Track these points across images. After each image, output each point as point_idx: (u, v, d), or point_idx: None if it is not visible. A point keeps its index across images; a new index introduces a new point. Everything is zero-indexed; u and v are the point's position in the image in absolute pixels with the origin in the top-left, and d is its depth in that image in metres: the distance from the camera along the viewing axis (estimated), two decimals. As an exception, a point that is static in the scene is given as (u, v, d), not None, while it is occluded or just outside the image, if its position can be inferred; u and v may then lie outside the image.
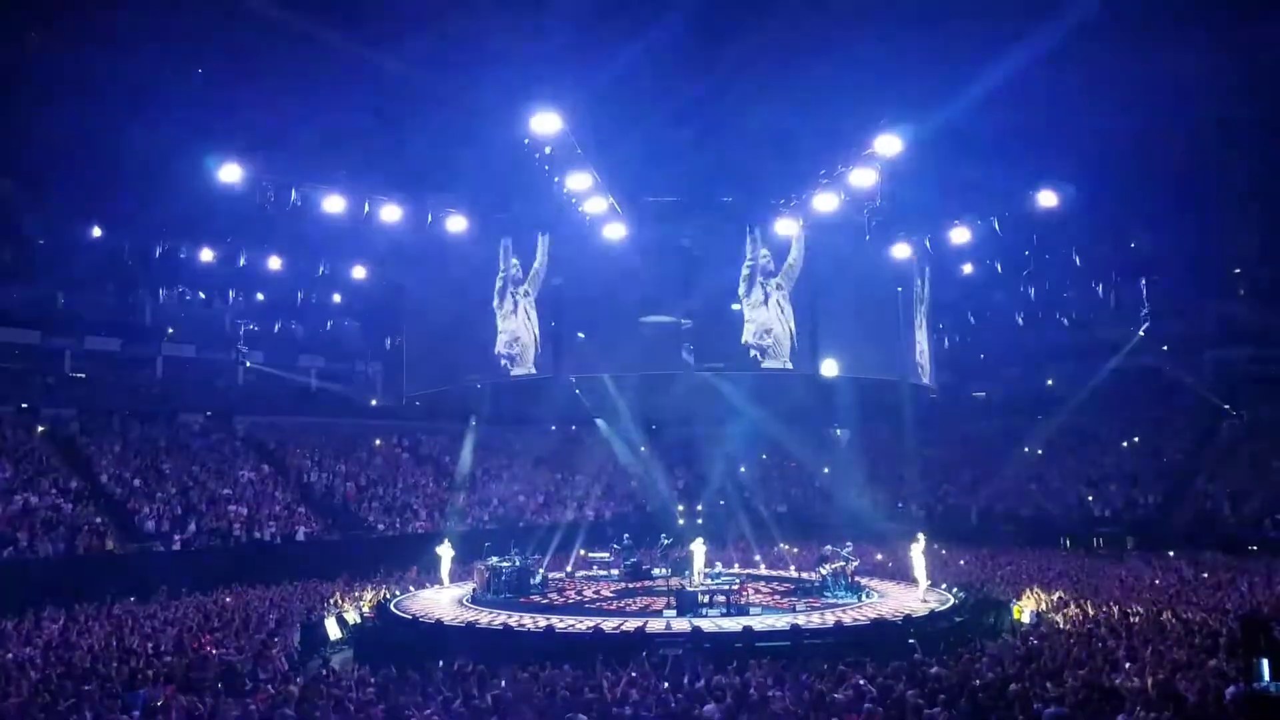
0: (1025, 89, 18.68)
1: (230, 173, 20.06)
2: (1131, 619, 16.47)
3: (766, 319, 22.87)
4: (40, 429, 30.49)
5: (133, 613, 19.17)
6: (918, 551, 21.20)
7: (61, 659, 14.35)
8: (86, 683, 12.57)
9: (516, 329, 23.66)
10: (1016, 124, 20.73)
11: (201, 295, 32.63)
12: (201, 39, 18.80)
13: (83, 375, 34.73)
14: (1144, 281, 30.77)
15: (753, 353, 22.79)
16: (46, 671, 13.36)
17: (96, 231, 25.96)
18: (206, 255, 26.80)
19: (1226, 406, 36.95)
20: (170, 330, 37.05)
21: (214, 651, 15.19)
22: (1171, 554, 27.60)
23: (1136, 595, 19.53)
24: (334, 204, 21.69)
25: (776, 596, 21.74)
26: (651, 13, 17.14)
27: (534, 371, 23.76)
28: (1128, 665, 12.19)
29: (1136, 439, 38.42)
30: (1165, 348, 37.98)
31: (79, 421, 31.66)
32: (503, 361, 23.86)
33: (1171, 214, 25.94)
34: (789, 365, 23.13)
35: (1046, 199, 22.10)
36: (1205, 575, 22.37)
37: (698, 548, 23.59)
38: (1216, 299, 37.76)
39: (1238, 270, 35.28)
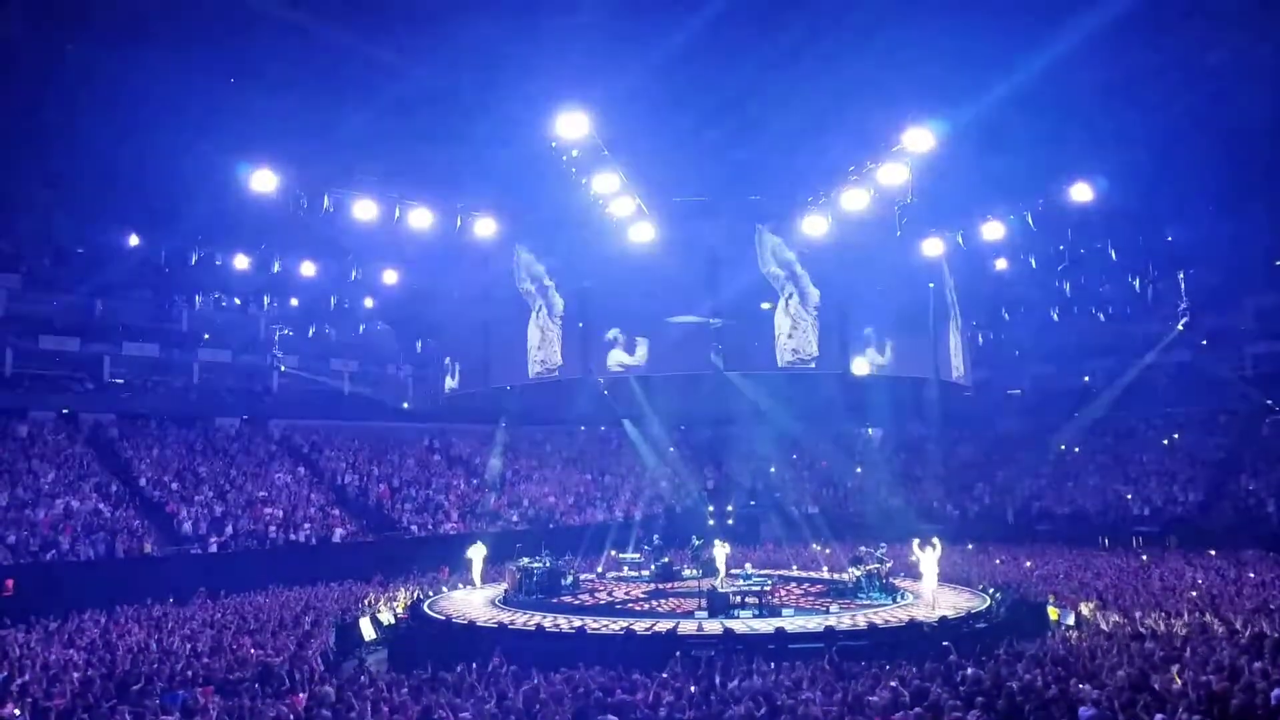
0: (1059, 80, 18.39)
1: (263, 180, 20.31)
2: (1173, 620, 16.17)
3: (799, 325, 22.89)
4: (80, 434, 31.07)
5: (171, 614, 19.47)
6: (929, 557, 19.78)
7: (103, 660, 14.60)
8: (127, 683, 12.78)
9: (548, 336, 23.92)
10: (1050, 116, 20.42)
11: (236, 301, 33.14)
12: (233, 47, 19.01)
13: (121, 380, 35.32)
14: (1182, 275, 30.24)
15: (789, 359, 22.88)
16: (88, 672, 13.60)
17: (133, 239, 26.39)
18: (241, 262, 27.17)
19: (1269, 402, 36.18)
20: (206, 336, 37.60)
21: (251, 652, 15.37)
22: (1213, 553, 27.07)
23: (1178, 595, 19.17)
24: (365, 209, 21.90)
25: (810, 598, 21.60)
26: (678, 12, 17.09)
27: (557, 374, 23.94)
28: (1171, 667, 11.95)
29: (1176, 435, 37.75)
30: (1204, 342, 37.30)
31: (118, 426, 32.22)
32: (535, 367, 24.12)
33: (1209, 206, 25.43)
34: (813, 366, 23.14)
35: (1081, 192, 21.78)
36: (1252, 575, 21.90)
37: (720, 549, 23.49)
38: (1257, 292, 37.01)
39: (1278, 262, 34.53)
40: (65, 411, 32.17)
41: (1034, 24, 17.05)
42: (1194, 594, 19.18)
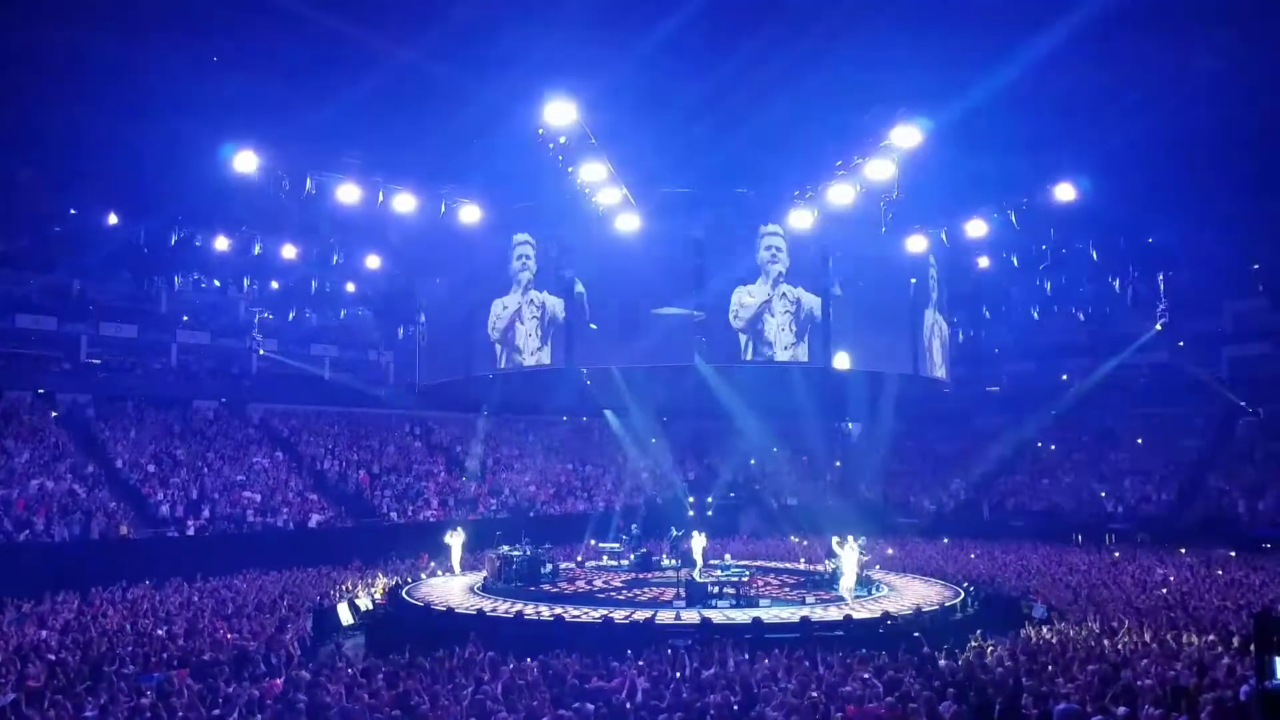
0: (1044, 81, 18.52)
1: (245, 161, 20.12)
2: (1143, 616, 16.40)
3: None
4: (56, 414, 30.77)
5: (147, 597, 19.35)
6: (849, 554, 19.28)
7: (77, 642, 14.51)
8: (101, 666, 12.72)
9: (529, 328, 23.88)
10: (1035, 116, 20.55)
11: (216, 283, 32.79)
12: (216, 27, 18.82)
13: (98, 361, 35.01)
14: (1161, 277, 30.53)
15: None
16: (62, 655, 13.52)
17: (113, 219, 26.08)
18: (221, 243, 26.88)
19: (1243, 404, 36.71)
20: (185, 317, 37.31)
21: (227, 636, 15.32)
22: (1183, 551, 27.46)
23: (1148, 592, 19.45)
24: (348, 193, 21.73)
25: (787, 589, 21.74)
26: (667, 3, 17.06)
27: (546, 363, 23.84)
28: (1141, 662, 12.14)
29: (1151, 435, 38.22)
30: (1182, 344, 37.75)
31: (94, 407, 31.92)
32: (517, 356, 24.03)
33: (1190, 209, 25.69)
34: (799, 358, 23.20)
35: (1064, 192, 21.94)
36: (1220, 573, 22.24)
37: (697, 540, 23.61)
38: (1234, 296, 37.50)
39: (1256, 266, 34.98)
40: (41, 391, 31.85)
41: (1021, 24, 17.15)
42: (1164, 591, 19.46)
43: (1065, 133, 21.93)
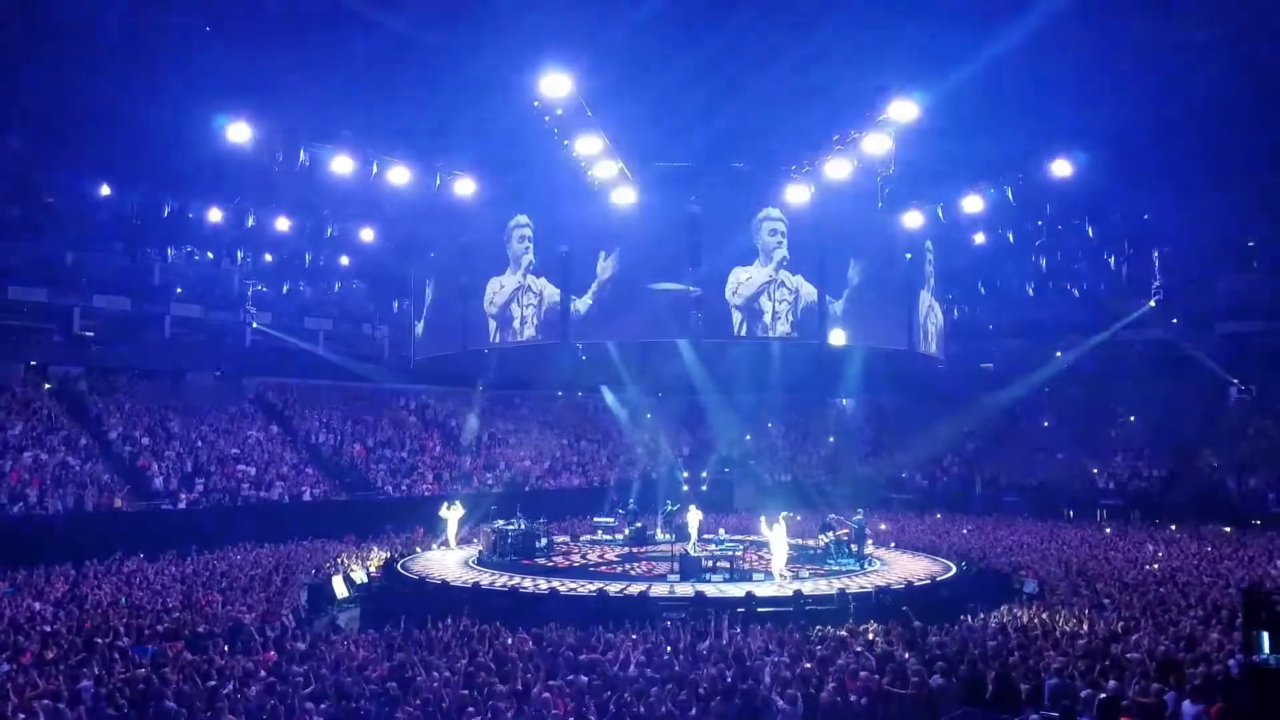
0: (1041, 56, 18.38)
1: (239, 132, 19.92)
2: (1133, 592, 16.53)
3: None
4: (49, 386, 30.68)
5: (141, 570, 19.39)
6: (778, 533, 19.07)
7: (71, 614, 14.55)
8: (96, 638, 12.75)
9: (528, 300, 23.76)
10: (1031, 92, 20.44)
11: (210, 255, 32.64)
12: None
13: (91, 333, 34.84)
14: (1156, 254, 30.53)
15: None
16: (56, 626, 13.56)
17: (105, 190, 25.89)
18: (215, 215, 26.69)
19: (1235, 380, 36.81)
20: (178, 290, 37.06)
21: (222, 609, 15.36)
22: (1174, 527, 27.62)
23: (1138, 568, 19.58)
24: (342, 164, 21.54)
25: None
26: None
27: (539, 337, 23.75)
28: (1130, 637, 12.25)
29: (1144, 412, 38.32)
30: (1175, 320, 37.80)
31: (87, 380, 31.81)
32: (511, 334, 23.93)
33: (1185, 186, 25.64)
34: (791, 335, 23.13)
35: (1060, 168, 21.85)
36: (1209, 548, 22.40)
37: (693, 515, 23.70)
38: (1228, 272, 37.53)
39: (1250, 243, 34.98)
40: (33, 363, 31.74)
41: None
42: (1154, 566, 19.60)
43: (1062, 108, 21.83)
